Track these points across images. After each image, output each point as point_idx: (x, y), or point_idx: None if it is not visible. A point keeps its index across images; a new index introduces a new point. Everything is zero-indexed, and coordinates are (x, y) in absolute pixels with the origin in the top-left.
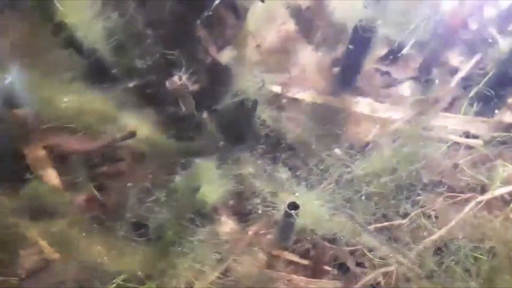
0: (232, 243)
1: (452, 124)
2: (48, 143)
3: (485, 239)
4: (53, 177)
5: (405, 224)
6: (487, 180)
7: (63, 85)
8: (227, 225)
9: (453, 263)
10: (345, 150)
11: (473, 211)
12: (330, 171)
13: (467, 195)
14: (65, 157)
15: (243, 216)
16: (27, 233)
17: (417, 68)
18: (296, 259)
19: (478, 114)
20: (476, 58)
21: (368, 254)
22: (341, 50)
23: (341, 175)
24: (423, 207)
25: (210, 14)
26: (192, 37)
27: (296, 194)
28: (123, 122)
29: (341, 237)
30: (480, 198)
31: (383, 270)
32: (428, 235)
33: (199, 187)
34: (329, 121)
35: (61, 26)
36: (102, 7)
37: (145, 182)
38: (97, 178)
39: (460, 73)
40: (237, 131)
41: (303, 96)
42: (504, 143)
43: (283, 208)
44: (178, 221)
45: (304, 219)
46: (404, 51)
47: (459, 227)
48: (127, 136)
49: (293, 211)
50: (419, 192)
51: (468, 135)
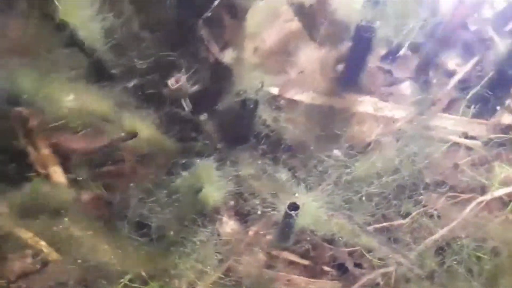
0: (233, 243)
1: (451, 125)
2: (53, 141)
3: (487, 239)
4: (59, 175)
5: (405, 224)
6: (486, 181)
7: (65, 84)
8: (228, 225)
9: (455, 263)
10: (345, 151)
11: (475, 211)
12: (329, 172)
13: (468, 195)
14: (68, 156)
15: (243, 216)
16: (25, 233)
17: (414, 69)
18: (296, 259)
19: (476, 115)
20: (474, 59)
21: (367, 255)
22: (344, 47)
23: (340, 176)
24: (425, 206)
25: (209, 15)
26: (194, 37)
27: (296, 194)
28: (124, 122)
29: (340, 238)
30: (481, 198)
31: (382, 270)
32: (429, 235)
33: (201, 188)
34: (329, 122)
35: (62, 25)
36: (100, 8)
37: (147, 183)
38: (100, 178)
39: (458, 75)
40: (237, 131)
41: (302, 98)
42: (502, 144)
43: (283, 208)
44: (179, 221)
45: (303, 219)
46: (402, 52)
47: (461, 226)
48: (129, 137)
49: (293, 212)
50: (421, 192)
51: (466, 136)
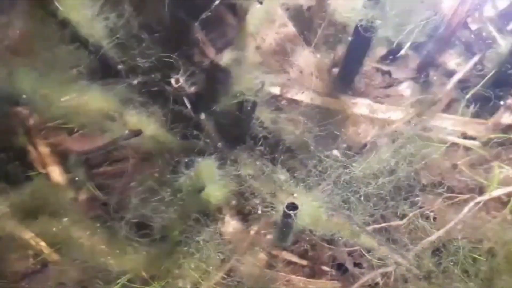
0: (235, 243)
1: (450, 125)
2: (51, 141)
3: (484, 240)
4: (57, 174)
5: (403, 225)
6: (485, 181)
7: (66, 83)
8: (230, 225)
9: (451, 264)
10: (343, 151)
11: (472, 212)
12: (328, 172)
13: (465, 196)
14: (67, 155)
15: (244, 216)
16: (26, 234)
17: (415, 69)
18: (295, 259)
19: (475, 115)
20: (475, 59)
21: (366, 255)
22: (340, 50)
23: (339, 176)
24: (421, 208)
25: (210, 14)
26: (190, 39)
27: (295, 195)
28: (128, 120)
29: (339, 238)
30: (479, 199)
31: (381, 270)
32: (426, 236)
33: (203, 187)
34: (327, 122)
35: (65, 22)
36: (101, 8)
37: (150, 181)
38: (97, 178)
39: (458, 74)
40: (235, 132)
41: (302, 98)
42: (501, 144)
43: (282, 208)
44: (183, 220)
45: (302, 219)
46: (402, 52)
47: (458, 228)
48: (133, 134)
49: (292, 212)
50: (417, 193)
51: (465, 136)
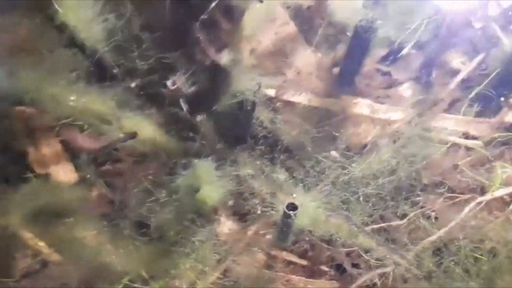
0: (232, 243)
1: (452, 125)
2: (61, 140)
3: (485, 240)
4: (69, 173)
5: (403, 225)
6: (486, 181)
7: (66, 85)
8: (226, 225)
9: (452, 263)
10: (342, 152)
11: (473, 212)
12: (327, 172)
13: (467, 196)
14: (75, 154)
15: (242, 216)
16: (28, 234)
17: (417, 69)
18: (294, 259)
19: (478, 114)
20: (479, 57)
21: (364, 255)
22: (341, 50)
23: (338, 177)
24: (422, 208)
25: (205, 17)
26: (191, 39)
27: (294, 195)
28: (124, 123)
29: (338, 238)
30: (480, 199)
31: (379, 271)
32: (426, 236)
33: (199, 188)
34: (326, 123)
35: (63, 27)
36: (102, 8)
37: (146, 183)
38: (102, 176)
39: (461, 74)
40: (235, 132)
41: (300, 99)
42: (505, 143)
43: (281, 209)
44: (179, 221)
45: (301, 220)
46: (404, 52)
47: (459, 228)
48: (128, 137)
49: (292, 212)
50: (418, 193)
51: (467, 136)
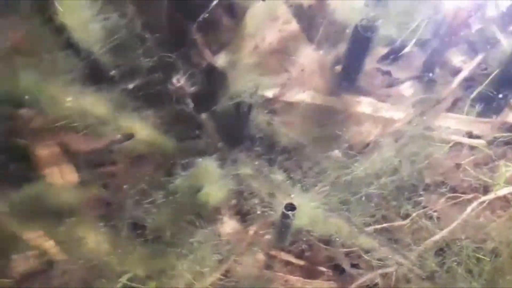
0: (234, 243)
1: (455, 125)
2: (60, 141)
3: (488, 240)
4: (70, 173)
5: (406, 225)
6: (490, 181)
7: (64, 86)
8: (228, 225)
9: (455, 264)
10: (345, 151)
11: (476, 212)
12: (328, 172)
13: (469, 196)
14: (73, 155)
15: (243, 216)
16: (29, 234)
17: (419, 68)
18: (292, 259)
19: (480, 114)
20: (479, 58)
21: (364, 255)
22: (342, 48)
23: (340, 177)
24: (425, 207)
25: (206, 16)
26: (187, 41)
27: (292, 195)
28: (122, 124)
29: (337, 239)
30: (483, 198)
31: (381, 271)
32: (429, 236)
33: (201, 187)
34: (329, 122)
35: (61, 28)
36: (102, 8)
37: (143, 184)
38: (98, 178)
39: (463, 73)
40: (233, 133)
41: (303, 97)
42: (507, 143)
43: (280, 209)
44: (177, 222)
45: (300, 220)
46: (405, 51)
47: (462, 227)
48: (125, 139)
49: (290, 212)
50: (420, 193)
51: (470, 135)
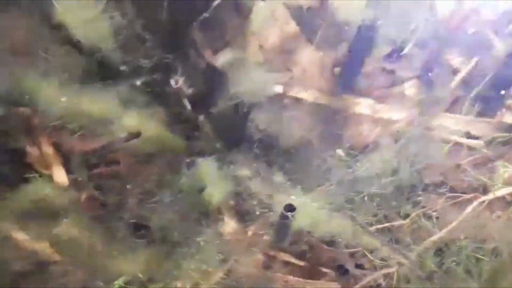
0: (234, 243)
1: (454, 125)
2: (54, 141)
3: (487, 240)
4: (60, 175)
5: (405, 225)
6: (488, 181)
7: (63, 84)
8: (229, 225)
9: (453, 264)
10: (347, 151)
11: (475, 212)
12: (332, 172)
13: (469, 196)
14: (68, 156)
15: (242, 216)
16: (25, 235)
17: (418, 68)
18: (292, 260)
19: (479, 114)
20: (475, 59)
21: (369, 255)
22: (342, 50)
23: (343, 176)
24: (424, 207)
25: (207, 16)
26: (187, 41)
27: (292, 197)
28: (127, 122)
29: (340, 239)
30: (482, 198)
31: (383, 271)
32: (428, 236)
33: (204, 187)
34: (329, 121)
35: (60, 25)
36: (104, 7)
37: (148, 183)
38: (95, 179)
39: (460, 74)
40: (232, 134)
41: (305, 96)
42: (505, 143)
43: (279, 210)
44: (184, 221)
45: (301, 221)
46: (405, 51)
47: (461, 227)
48: (131, 137)
49: (289, 213)
50: (419, 193)
51: (469, 135)
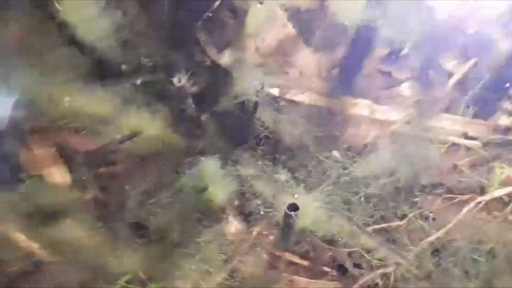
0: (238, 243)
1: (451, 125)
2: (55, 141)
3: (483, 241)
4: (62, 175)
5: (403, 225)
6: (485, 182)
7: (66, 84)
8: (233, 225)
9: (451, 264)
10: (344, 152)
11: (472, 213)
12: (328, 173)
13: (465, 197)
14: (69, 156)
15: (247, 216)
16: (23, 235)
17: (416, 69)
18: (296, 260)
19: (475, 116)
20: (471, 62)
21: (366, 255)
22: (340, 51)
23: (339, 177)
24: (421, 208)
25: (210, 15)
26: (192, 39)
27: (295, 195)
28: (128, 121)
29: (339, 239)
30: (479, 199)
31: (381, 271)
32: (425, 237)
33: (206, 187)
34: (327, 123)
35: (63, 24)
36: (104, 7)
37: (149, 182)
38: (98, 179)
39: (456, 76)
40: (237, 133)
41: (302, 98)
42: (502, 145)
43: (283, 209)
44: (184, 221)
45: (303, 220)
46: (403, 52)
47: (458, 228)
48: (131, 136)
49: (293, 213)
50: (416, 193)
51: (466, 136)
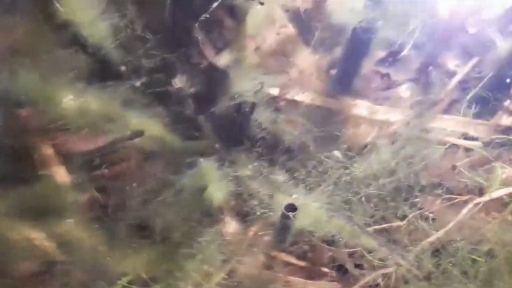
0: (235, 243)
1: (451, 126)
2: (55, 141)
3: (483, 241)
4: (62, 175)
5: (403, 226)
6: (485, 182)
7: (67, 84)
8: (230, 225)
9: (450, 265)
10: (344, 152)
11: (471, 213)
12: (329, 173)
13: (465, 197)
14: (70, 157)
15: (244, 217)
16: (28, 234)
17: (416, 70)
18: (293, 260)
19: (476, 116)
20: (473, 61)
21: (367, 255)
22: (339, 52)
23: (340, 177)
24: (421, 209)
25: (208, 16)
26: (189, 40)
27: (293, 196)
28: (129, 121)
29: (340, 239)
30: (478, 200)
31: (382, 271)
32: (425, 237)
33: (205, 187)
34: (327, 123)
35: (65, 25)
36: (104, 8)
37: (149, 183)
38: (98, 179)
39: (457, 76)
40: (233, 134)
41: (302, 98)
42: (503, 145)
43: (280, 210)
44: (185, 221)
45: (303, 221)
46: (403, 53)
47: (457, 229)
48: (134, 135)
49: (291, 213)
50: (416, 194)
51: (466, 137)
